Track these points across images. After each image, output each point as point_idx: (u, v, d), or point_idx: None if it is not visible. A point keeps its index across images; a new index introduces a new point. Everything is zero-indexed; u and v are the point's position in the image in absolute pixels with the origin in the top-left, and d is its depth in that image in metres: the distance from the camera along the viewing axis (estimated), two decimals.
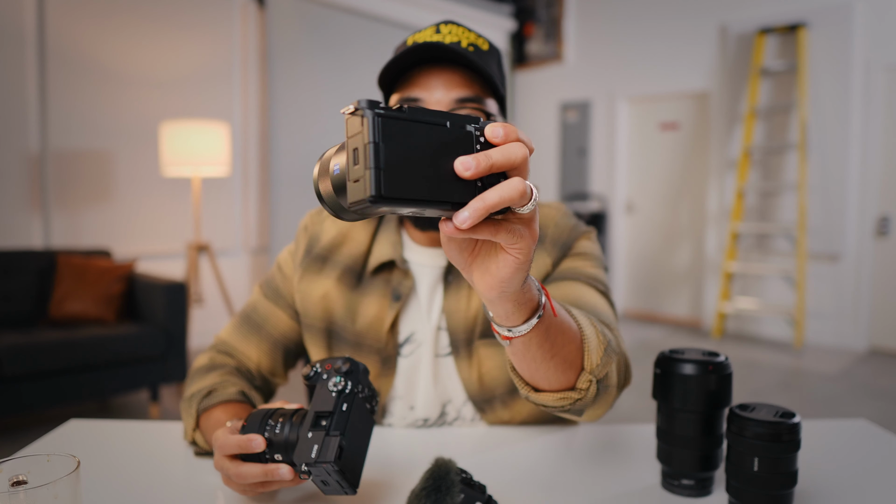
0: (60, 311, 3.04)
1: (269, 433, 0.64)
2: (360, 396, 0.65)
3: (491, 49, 0.87)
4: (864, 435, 0.91)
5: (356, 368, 0.66)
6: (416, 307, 0.92)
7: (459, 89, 0.82)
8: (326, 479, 0.60)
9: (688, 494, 0.71)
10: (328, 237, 0.96)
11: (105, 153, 3.91)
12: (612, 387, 0.69)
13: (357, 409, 0.64)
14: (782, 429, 0.63)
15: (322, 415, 0.62)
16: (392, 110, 0.40)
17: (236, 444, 0.64)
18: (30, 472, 0.50)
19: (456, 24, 0.85)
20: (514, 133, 0.44)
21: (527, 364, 0.61)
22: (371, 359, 0.92)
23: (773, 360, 4.34)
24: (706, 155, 5.39)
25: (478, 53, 0.84)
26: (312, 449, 0.60)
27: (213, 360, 0.93)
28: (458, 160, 0.42)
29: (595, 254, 0.93)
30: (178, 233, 4.24)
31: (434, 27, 0.85)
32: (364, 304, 0.92)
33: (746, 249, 5.08)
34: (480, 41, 0.85)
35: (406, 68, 0.83)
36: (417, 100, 0.81)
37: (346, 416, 0.62)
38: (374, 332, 0.91)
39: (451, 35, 0.83)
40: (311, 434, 0.61)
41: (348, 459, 0.61)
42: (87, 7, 3.78)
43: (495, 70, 0.86)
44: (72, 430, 0.90)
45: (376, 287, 0.92)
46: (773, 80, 4.90)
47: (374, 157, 0.39)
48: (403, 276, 0.92)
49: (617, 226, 6.01)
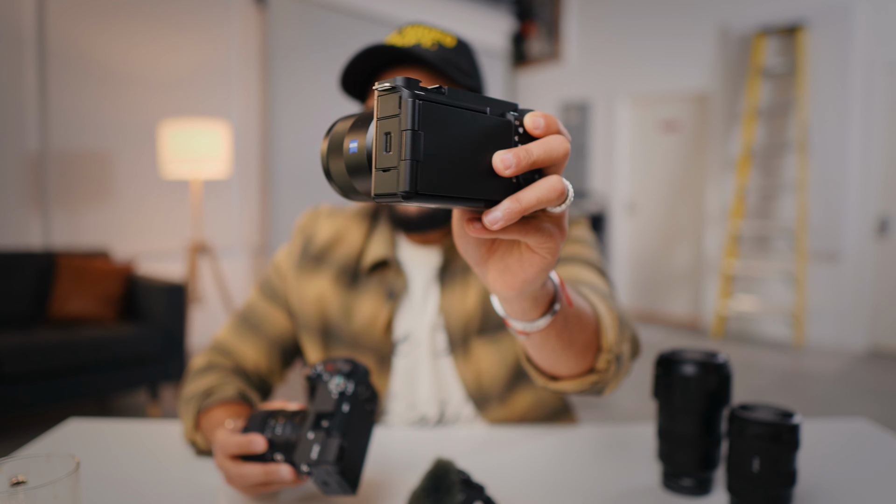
0: (60, 312, 3.04)
1: (270, 433, 0.64)
2: (362, 398, 0.65)
3: (459, 45, 0.86)
4: (864, 435, 0.91)
5: (357, 370, 0.66)
6: (411, 306, 0.93)
7: None
8: (327, 479, 0.60)
9: (688, 494, 0.71)
10: (323, 237, 0.96)
11: (105, 153, 3.91)
12: (627, 359, 0.68)
13: (358, 410, 0.64)
14: (782, 429, 0.63)
15: (323, 415, 0.62)
16: (431, 92, 0.36)
17: (237, 444, 0.64)
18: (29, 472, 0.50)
19: (421, 25, 0.86)
20: (555, 124, 0.40)
21: (545, 355, 0.59)
22: (367, 358, 0.92)
23: (773, 360, 4.34)
24: (706, 155, 5.39)
25: (442, 52, 0.83)
26: (313, 449, 0.60)
27: (210, 360, 0.93)
28: (497, 156, 0.37)
29: (589, 239, 0.93)
30: (177, 233, 4.24)
31: (397, 30, 0.86)
32: (359, 303, 0.92)
33: (746, 249, 5.08)
34: (447, 39, 0.85)
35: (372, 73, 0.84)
36: None
37: (348, 418, 0.62)
38: (370, 331, 0.92)
39: (412, 36, 0.84)
40: (311, 435, 0.61)
41: (349, 461, 0.60)
42: (87, 7, 3.78)
43: (463, 65, 0.86)
44: (71, 430, 0.90)
45: (371, 286, 0.93)
46: (773, 80, 4.90)
47: (412, 147, 0.34)
48: (397, 274, 0.92)
49: (617, 226, 6.01)
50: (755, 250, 5.05)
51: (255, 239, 4.76)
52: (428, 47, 0.83)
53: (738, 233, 5.03)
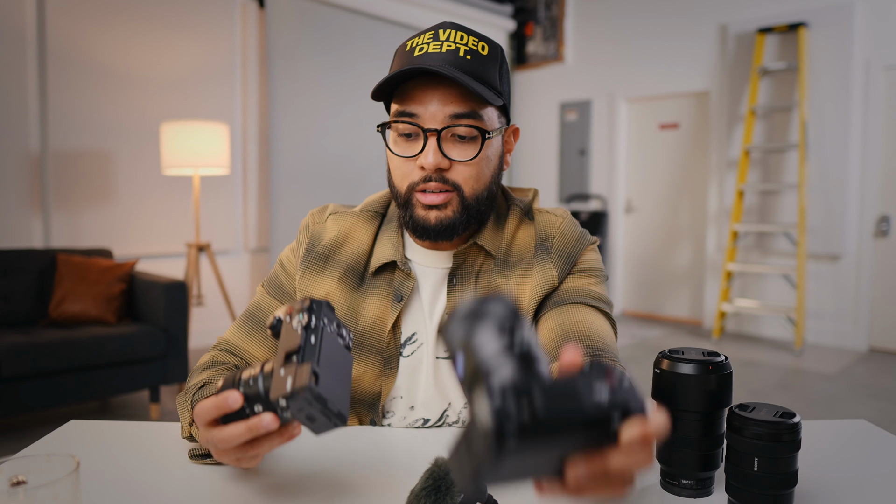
0: (60, 311, 3.04)
1: (244, 388, 0.61)
2: (329, 330, 0.61)
3: (491, 52, 0.86)
4: (864, 435, 0.91)
5: (319, 304, 0.62)
6: (419, 307, 0.92)
7: (455, 105, 0.82)
8: (310, 412, 0.57)
9: (688, 494, 0.71)
10: (329, 237, 0.96)
11: (105, 153, 3.91)
12: None
13: (327, 340, 0.60)
14: (782, 429, 0.63)
15: (291, 353, 0.59)
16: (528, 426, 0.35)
17: (213, 405, 0.62)
18: (29, 472, 0.50)
19: (455, 28, 0.85)
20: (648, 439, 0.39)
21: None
22: (373, 359, 0.92)
23: (773, 360, 4.34)
24: (706, 155, 5.39)
25: (476, 60, 0.83)
26: (287, 383, 0.57)
27: (213, 357, 0.92)
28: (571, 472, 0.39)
29: (599, 268, 0.94)
30: (178, 233, 4.24)
31: (432, 32, 0.85)
32: (366, 304, 0.92)
33: (746, 249, 5.08)
34: (480, 45, 0.84)
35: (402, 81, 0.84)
36: (413, 115, 0.82)
37: (316, 347, 0.59)
38: (376, 332, 0.91)
39: (448, 43, 0.83)
40: (283, 371, 0.58)
41: (327, 386, 0.57)
42: (87, 7, 3.78)
43: (494, 76, 0.86)
44: (71, 430, 0.90)
45: (378, 288, 0.92)
46: (773, 80, 4.90)
47: None
48: (405, 276, 0.91)
49: (617, 226, 6.01)
50: (755, 250, 5.05)
51: (255, 239, 4.76)
52: (461, 55, 0.82)
53: (738, 233, 5.03)
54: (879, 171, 4.53)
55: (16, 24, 3.54)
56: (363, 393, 0.93)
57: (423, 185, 0.83)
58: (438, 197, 0.83)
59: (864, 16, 4.48)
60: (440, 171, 0.83)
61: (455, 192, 0.84)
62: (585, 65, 6.18)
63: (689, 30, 5.37)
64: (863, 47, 4.50)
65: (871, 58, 4.48)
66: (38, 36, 3.62)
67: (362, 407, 0.94)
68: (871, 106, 4.49)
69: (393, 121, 0.84)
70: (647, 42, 5.66)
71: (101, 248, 3.43)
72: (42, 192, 3.67)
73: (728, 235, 4.99)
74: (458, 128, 0.82)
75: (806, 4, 4.68)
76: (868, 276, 4.57)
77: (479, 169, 0.85)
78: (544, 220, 0.94)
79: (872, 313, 4.59)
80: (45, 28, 3.62)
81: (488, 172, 0.87)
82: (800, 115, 4.57)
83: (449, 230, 0.86)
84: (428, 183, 0.83)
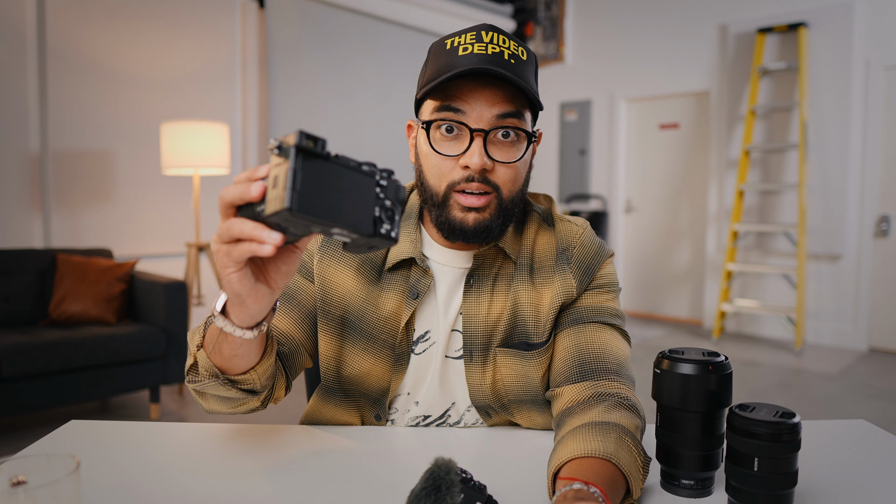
0: (60, 311, 3.04)
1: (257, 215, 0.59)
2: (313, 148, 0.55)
3: (529, 58, 0.86)
4: (864, 435, 0.91)
5: (306, 133, 0.55)
6: (434, 305, 0.92)
7: (501, 105, 0.82)
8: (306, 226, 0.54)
9: (688, 494, 0.71)
10: None
11: (105, 153, 3.91)
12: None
13: (310, 155, 0.55)
14: (782, 429, 0.63)
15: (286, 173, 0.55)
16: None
17: (238, 191, 0.59)
18: (30, 472, 0.50)
19: (497, 31, 0.84)
20: None
21: None
22: (384, 353, 0.91)
23: (773, 360, 4.34)
24: (706, 155, 5.39)
25: (519, 65, 0.83)
26: (272, 203, 0.54)
27: None
28: None
29: (615, 282, 0.95)
30: (178, 232, 4.24)
31: (474, 33, 0.84)
32: (382, 299, 0.92)
33: (746, 249, 5.09)
34: (520, 50, 0.84)
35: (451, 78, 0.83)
36: (459, 111, 0.82)
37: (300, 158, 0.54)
38: (390, 327, 0.91)
39: (493, 45, 0.82)
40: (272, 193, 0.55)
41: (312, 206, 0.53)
42: (87, 7, 3.78)
43: (533, 81, 0.86)
44: (72, 430, 0.90)
45: (395, 283, 0.92)
46: (773, 79, 4.90)
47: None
48: (423, 273, 0.91)
49: (617, 226, 6.01)
50: (755, 250, 5.05)
51: None
52: (506, 59, 0.82)
53: (738, 233, 5.03)
54: (879, 171, 4.53)
55: (16, 24, 3.53)
56: (370, 387, 0.93)
57: (465, 185, 0.83)
58: (480, 200, 0.83)
59: (863, 16, 4.48)
60: (483, 171, 0.83)
61: (494, 194, 0.84)
62: (585, 65, 6.18)
63: (689, 30, 5.37)
64: (863, 47, 4.50)
65: (870, 58, 4.48)
66: (38, 36, 3.62)
67: (367, 401, 0.94)
68: (871, 106, 4.49)
69: (441, 118, 0.83)
70: (647, 42, 5.66)
71: (101, 248, 3.43)
72: (42, 192, 3.67)
73: (728, 235, 4.99)
74: (501, 130, 0.82)
75: (806, 4, 4.68)
76: (868, 276, 4.57)
77: (518, 171, 0.85)
78: (565, 228, 0.94)
79: (872, 313, 4.59)
80: (45, 28, 3.61)
81: (524, 175, 0.88)
82: (800, 115, 4.57)
83: (486, 233, 0.85)
84: (470, 183, 0.82)
